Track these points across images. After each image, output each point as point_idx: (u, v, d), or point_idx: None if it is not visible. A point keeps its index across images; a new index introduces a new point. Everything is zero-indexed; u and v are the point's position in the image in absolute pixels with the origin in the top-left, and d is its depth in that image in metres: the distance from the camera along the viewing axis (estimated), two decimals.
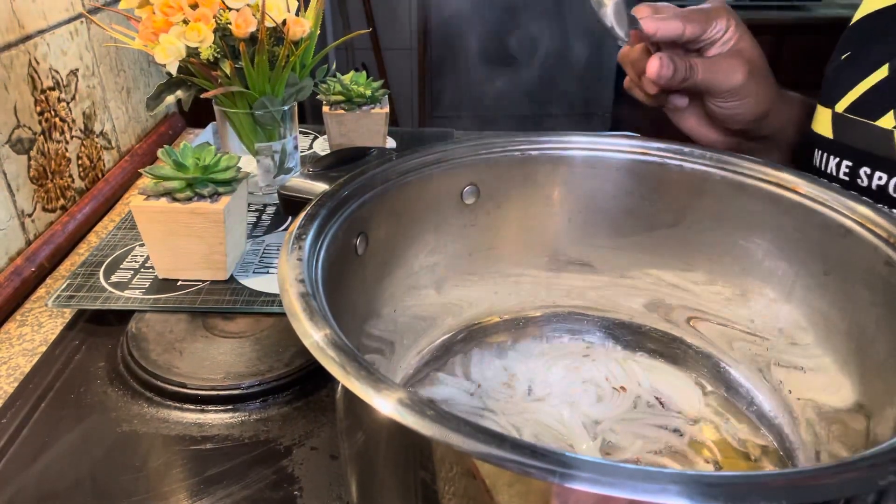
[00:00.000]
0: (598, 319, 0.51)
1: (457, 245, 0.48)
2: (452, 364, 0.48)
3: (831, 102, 0.56)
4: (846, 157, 0.53)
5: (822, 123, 0.56)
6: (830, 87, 0.57)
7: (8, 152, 0.62)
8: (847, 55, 0.57)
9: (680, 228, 0.47)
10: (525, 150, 0.47)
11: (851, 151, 0.53)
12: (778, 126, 0.61)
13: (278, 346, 0.51)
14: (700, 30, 0.55)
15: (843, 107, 0.54)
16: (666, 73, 0.53)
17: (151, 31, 0.60)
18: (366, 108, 0.78)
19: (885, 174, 0.50)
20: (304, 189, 0.41)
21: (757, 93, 0.56)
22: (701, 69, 0.54)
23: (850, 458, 0.23)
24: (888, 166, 0.50)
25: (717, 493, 0.20)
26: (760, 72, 0.57)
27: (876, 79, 0.52)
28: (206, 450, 0.44)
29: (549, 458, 0.21)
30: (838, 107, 0.55)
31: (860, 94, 0.53)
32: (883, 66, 0.52)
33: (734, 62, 0.55)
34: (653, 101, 0.60)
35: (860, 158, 0.52)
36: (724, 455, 0.41)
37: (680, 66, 0.53)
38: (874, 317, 0.37)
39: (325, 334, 0.27)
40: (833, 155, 0.55)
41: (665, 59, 0.53)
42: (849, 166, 0.53)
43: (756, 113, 0.58)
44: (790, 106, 0.62)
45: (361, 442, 0.31)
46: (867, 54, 0.54)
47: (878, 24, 0.55)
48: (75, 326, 0.55)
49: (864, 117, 0.52)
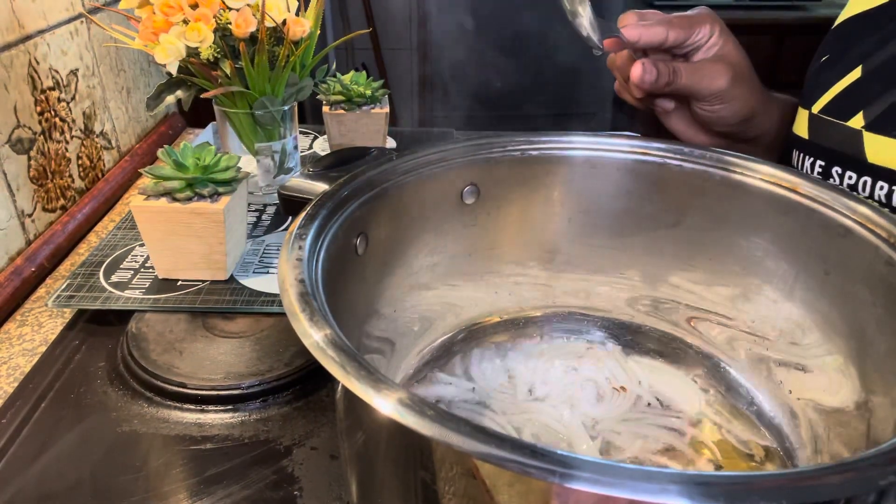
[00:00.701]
0: (598, 319, 0.51)
1: (457, 245, 0.48)
2: (452, 364, 0.48)
3: (808, 104, 0.57)
4: (819, 157, 0.54)
5: (801, 125, 0.57)
6: (809, 90, 0.58)
7: (8, 152, 0.62)
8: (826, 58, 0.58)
9: (680, 228, 0.47)
10: (525, 150, 0.47)
11: (824, 151, 0.54)
12: (765, 128, 0.62)
13: (278, 346, 0.51)
14: (684, 35, 0.56)
15: (819, 108, 0.55)
16: (649, 79, 0.54)
17: (151, 31, 0.60)
18: (366, 108, 0.78)
19: (854, 174, 0.51)
20: (304, 189, 0.41)
21: (741, 96, 0.57)
22: (685, 74, 0.55)
23: (850, 458, 0.23)
24: (857, 166, 0.51)
25: (716, 493, 0.20)
26: (745, 76, 0.58)
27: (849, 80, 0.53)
28: (206, 450, 0.44)
29: (549, 458, 0.21)
30: (814, 108, 0.56)
31: (834, 95, 0.54)
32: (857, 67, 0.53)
33: (718, 67, 0.56)
34: (641, 105, 0.61)
35: (832, 158, 0.53)
36: (725, 455, 0.41)
37: (663, 70, 0.54)
38: (874, 316, 0.37)
39: (325, 334, 0.27)
40: (808, 155, 0.56)
41: (648, 65, 0.54)
42: (822, 166, 0.54)
43: (741, 115, 0.59)
44: (777, 108, 0.63)
45: (361, 442, 0.31)
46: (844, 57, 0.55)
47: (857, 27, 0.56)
48: (75, 326, 0.55)
49: (836, 118, 0.53)
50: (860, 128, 0.51)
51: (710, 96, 0.57)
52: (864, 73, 0.52)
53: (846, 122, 0.52)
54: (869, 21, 0.55)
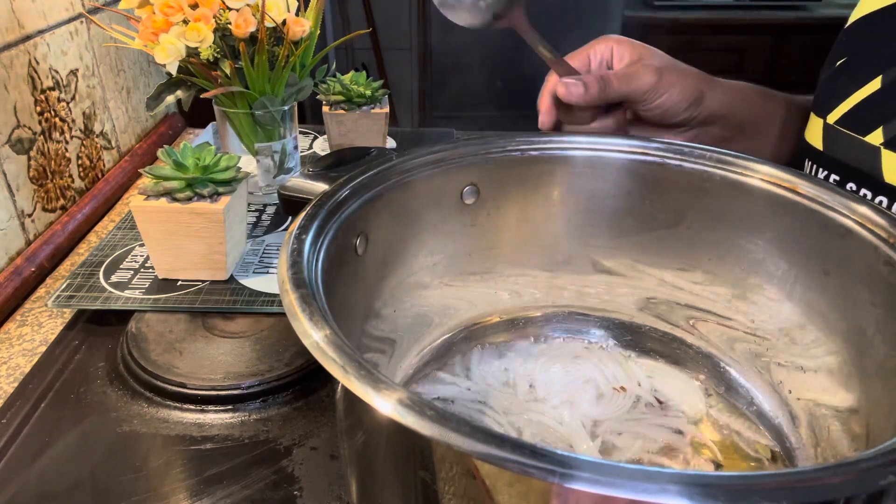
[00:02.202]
0: (598, 319, 0.51)
1: (457, 245, 0.48)
2: (452, 364, 0.48)
3: (823, 112, 0.55)
4: (834, 170, 0.53)
5: (814, 133, 0.56)
6: (824, 96, 0.56)
7: (8, 152, 0.62)
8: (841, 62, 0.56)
9: (680, 228, 0.47)
10: (525, 150, 0.47)
11: (840, 166, 0.52)
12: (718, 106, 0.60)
13: (278, 346, 0.51)
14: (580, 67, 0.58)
15: (835, 118, 0.53)
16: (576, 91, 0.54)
17: (151, 31, 0.60)
18: (366, 108, 0.78)
19: (870, 192, 0.50)
20: (303, 189, 0.41)
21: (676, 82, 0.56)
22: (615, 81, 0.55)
23: (851, 458, 0.22)
24: (874, 184, 0.49)
25: (717, 493, 0.20)
26: (667, 63, 0.58)
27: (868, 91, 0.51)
28: (206, 450, 0.44)
29: (549, 458, 0.21)
30: (830, 118, 0.54)
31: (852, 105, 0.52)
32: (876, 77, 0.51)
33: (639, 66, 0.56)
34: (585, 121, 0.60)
35: (848, 173, 0.52)
36: (725, 455, 0.41)
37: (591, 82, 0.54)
38: (874, 316, 0.37)
39: (325, 334, 0.27)
40: (822, 167, 0.55)
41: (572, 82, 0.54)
42: (836, 180, 0.52)
43: (686, 100, 0.57)
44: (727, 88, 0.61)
45: (361, 442, 0.31)
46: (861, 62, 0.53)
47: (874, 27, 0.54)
48: (75, 326, 0.55)
49: (853, 131, 0.51)
50: (879, 144, 0.48)
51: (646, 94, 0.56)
52: (885, 83, 0.50)
53: (864, 137, 0.50)
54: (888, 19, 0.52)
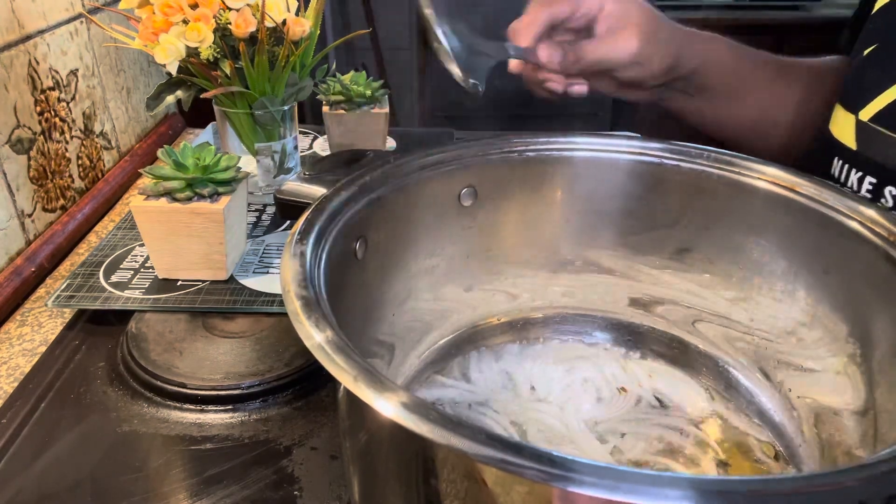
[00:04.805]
0: (598, 320, 0.51)
1: (455, 247, 0.48)
2: (453, 366, 0.48)
3: (855, 107, 0.50)
4: (870, 172, 0.49)
5: (844, 130, 0.51)
6: (854, 88, 0.51)
7: (8, 152, 0.62)
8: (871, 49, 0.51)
9: (680, 228, 0.47)
10: (524, 151, 0.47)
11: (876, 167, 0.48)
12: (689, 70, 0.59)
13: (278, 346, 0.51)
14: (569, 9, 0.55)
15: (869, 115, 0.49)
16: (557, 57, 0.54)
17: (151, 31, 0.60)
18: (366, 108, 0.78)
19: None
20: (300, 193, 0.41)
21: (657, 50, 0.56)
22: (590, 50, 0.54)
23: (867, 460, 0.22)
24: None
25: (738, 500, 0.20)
26: (654, 31, 0.56)
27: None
28: (205, 450, 0.44)
29: (552, 462, 0.21)
30: (863, 114, 0.49)
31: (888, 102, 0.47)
32: None
33: (624, 33, 0.55)
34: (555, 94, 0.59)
35: (885, 176, 0.48)
36: (728, 455, 0.41)
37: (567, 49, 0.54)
38: (874, 316, 0.37)
39: (328, 337, 0.27)
40: (856, 168, 0.50)
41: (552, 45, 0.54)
42: (872, 183, 0.48)
43: (661, 70, 0.57)
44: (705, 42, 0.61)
45: (363, 443, 0.31)
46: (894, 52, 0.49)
47: None
48: (75, 326, 0.55)
49: (892, 130, 0.47)
50: None
51: (625, 63, 0.55)
52: None
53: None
54: None
